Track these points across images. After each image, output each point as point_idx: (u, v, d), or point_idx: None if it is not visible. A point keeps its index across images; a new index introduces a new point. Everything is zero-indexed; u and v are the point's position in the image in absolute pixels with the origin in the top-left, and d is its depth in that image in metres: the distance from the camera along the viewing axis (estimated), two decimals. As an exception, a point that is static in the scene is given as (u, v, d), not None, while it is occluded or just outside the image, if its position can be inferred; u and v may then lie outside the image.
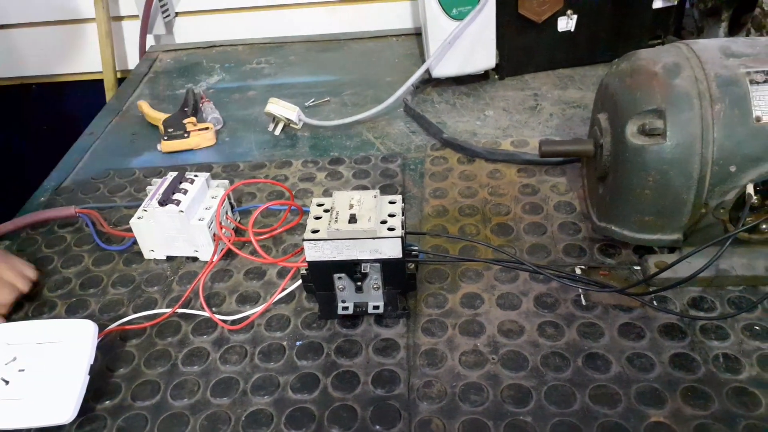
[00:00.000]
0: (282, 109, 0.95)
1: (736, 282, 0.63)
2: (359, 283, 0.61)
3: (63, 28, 1.37)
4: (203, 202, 0.73)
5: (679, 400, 0.54)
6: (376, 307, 0.62)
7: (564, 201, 0.77)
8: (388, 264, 0.60)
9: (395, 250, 0.59)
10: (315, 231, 0.59)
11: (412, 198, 0.81)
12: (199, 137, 0.96)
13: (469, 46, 0.99)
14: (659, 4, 1.01)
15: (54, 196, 0.88)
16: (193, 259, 0.73)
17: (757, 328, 0.60)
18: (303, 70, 1.19)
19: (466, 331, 0.62)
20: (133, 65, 1.33)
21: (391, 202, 0.62)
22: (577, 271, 0.67)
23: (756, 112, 0.56)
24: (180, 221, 0.70)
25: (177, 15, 1.36)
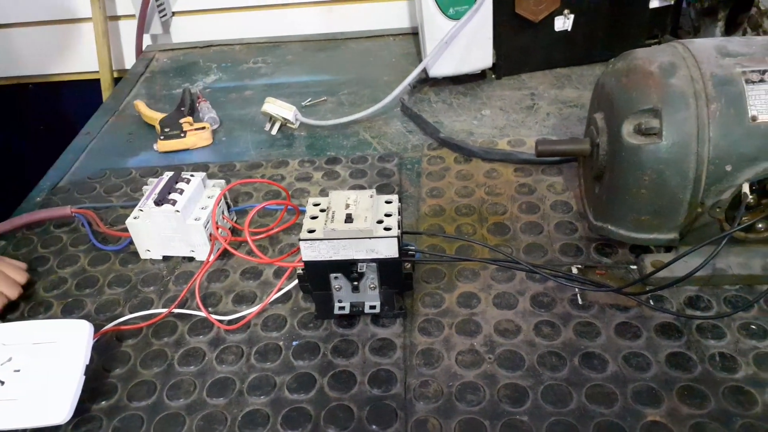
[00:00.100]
0: (279, 109, 0.95)
1: (732, 281, 0.63)
2: (356, 283, 0.61)
3: (59, 27, 1.37)
4: (199, 201, 0.73)
5: (676, 399, 0.54)
6: (372, 307, 0.62)
7: (561, 200, 0.77)
8: (384, 264, 0.59)
9: (391, 249, 0.59)
10: (311, 231, 0.59)
11: (409, 197, 0.81)
12: (196, 137, 0.96)
13: (466, 45, 0.99)
14: (656, 3, 1.01)
15: (50, 195, 0.88)
16: (190, 259, 0.73)
17: (754, 327, 0.60)
18: (300, 69, 1.18)
19: (462, 331, 0.62)
20: (130, 65, 1.33)
21: (388, 201, 0.62)
22: (574, 271, 0.67)
23: (752, 111, 0.56)
24: (176, 221, 0.70)
25: (174, 14, 1.36)
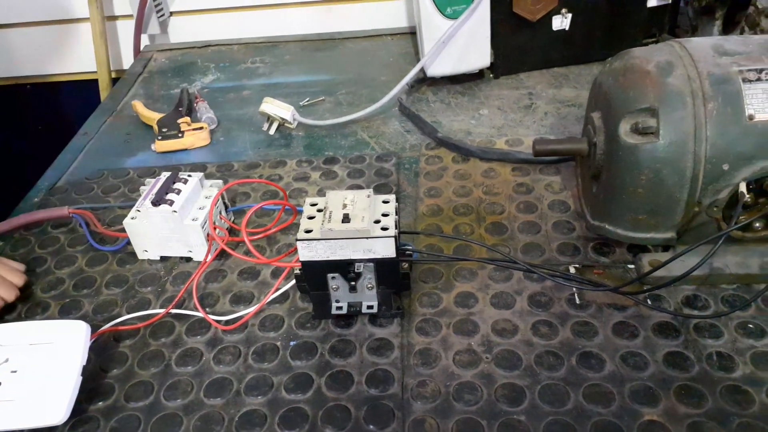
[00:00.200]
0: (276, 109, 0.95)
1: (729, 280, 0.63)
2: (353, 283, 0.61)
3: (57, 27, 1.37)
4: (197, 202, 0.73)
5: (673, 398, 0.54)
6: (370, 307, 0.62)
7: (558, 200, 0.77)
8: (381, 264, 0.59)
9: (389, 249, 0.59)
10: (308, 231, 0.59)
11: (406, 197, 0.81)
12: (194, 137, 0.96)
13: (464, 44, 0.99)
14: (654, 2, 1.01)
15: (47, 196, 0.88)
16: (187, 260, 0.73)
17: (751, 326, 0.60)
18: (298, 69, 1.18)
19: (460, 331, 0.62)
20: (128, 65, 1.33)
21: (385, 201, 0.62)
22: (571, 270, 0.67)
23: (749, 110, 0.56)
24: (173, 221, 0.69)
25: (171, 14, 1.36)
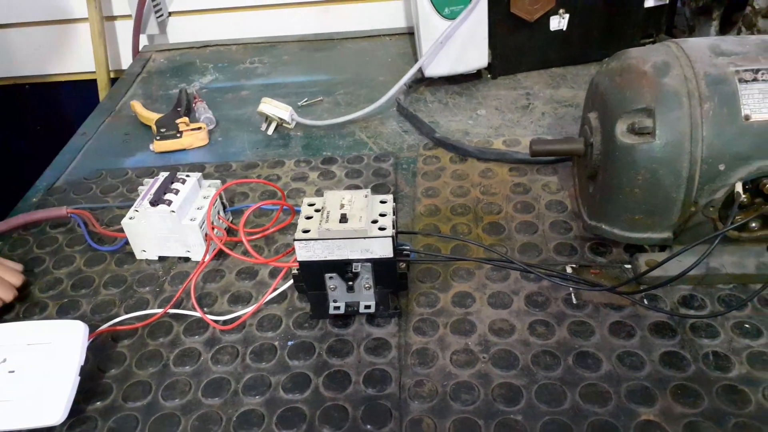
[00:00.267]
0: (275, 109, 0.95)
1: (726, 280, 0.64)
2: (350, 283, 0.61)
3: (55, 27, 1.37)
4: (195, 202, 0.73)
5: (669, 398, 0.54)
6: (367, 307, 0.62)
7: (555, 200, 0.78)
8: (379, 264, 0.60)
9: (386, 249, 0.59)
10: (306, 231, 0.59)
11: (404, 197, 0.81)
12: (192, 137, 0.96)
13: (462, 45, 0.99)
14: (651, 2, 1.01)
15: (46, 196, 0.88)
16: (185, 260, 0.73)
17: (747, 326, 0.60)
18: (296, 69, 1.18)
19: (457, 330, 0.62)
20: (127, 65, 1.33)
21: (383, 201, 0.62)
22: (568, 270, 0.67)
23: (745, 110, 0.56)
24: (171, 221, 0.70)
25: (170, 15, 1.36)
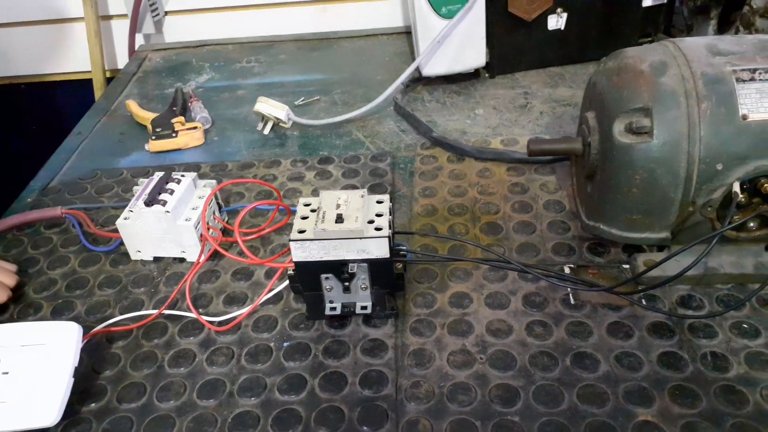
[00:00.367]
0: (271, 108, 0.94)
1: (724, 280, 0.63)
2: (347, 284, 0.61)
3: (51, 27, 1.36)
4: (190, 202, 0.72)
5: (667, 398, 0.54)
6: (364, 308, 0.62)
7: (553, 200, 0.77)
8: (375, 264, 0.59)
9: (382, 250, 0.58)
10: (301, 231, 0.59)
11: (401, 197, 0.81)
12: (188, 137, 0.95)
13: (459, 44, 0.98)
14: (649, 2, 1.01)
15: (40, 196, 0.87)
16: (181, 260, 0.73)
17: (745, 326, 0.60)
18: (293, 68, 1.18)
19: (454, 331, 0.61)
20: (123, 64, 1.32)
21: (379, 201, 0.62)
22: (566, 270, 0.67)
23: (742, 110, 0.56)
24: (166, 222, 0.69)
25: (166, 14, 1.35)
